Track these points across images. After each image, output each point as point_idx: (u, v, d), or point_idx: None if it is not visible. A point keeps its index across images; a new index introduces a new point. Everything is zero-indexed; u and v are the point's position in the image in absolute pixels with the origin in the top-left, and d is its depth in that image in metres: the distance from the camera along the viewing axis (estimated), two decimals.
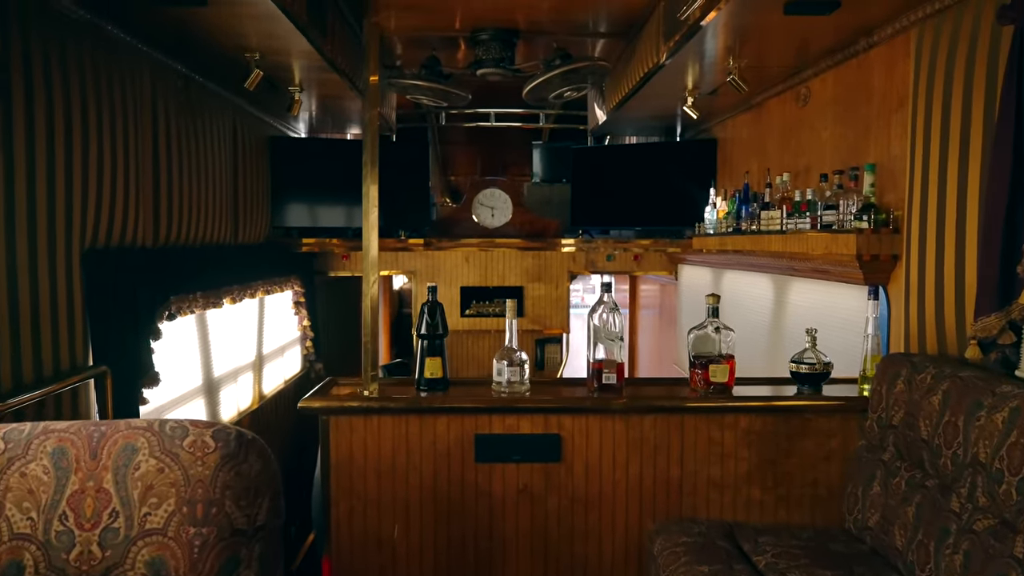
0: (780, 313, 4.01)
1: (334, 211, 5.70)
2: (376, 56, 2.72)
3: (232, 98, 4.41)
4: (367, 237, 2.71)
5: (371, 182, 2.70)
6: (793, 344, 3.85)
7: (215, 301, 3.85)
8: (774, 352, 4.09)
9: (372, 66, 2.70)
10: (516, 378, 2.77)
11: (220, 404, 4.19)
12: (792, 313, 3.86)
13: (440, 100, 4.51)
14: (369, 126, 2.69)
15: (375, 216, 2.70)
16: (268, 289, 4.74)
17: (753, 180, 4.49)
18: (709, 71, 3.87)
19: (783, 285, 3.94)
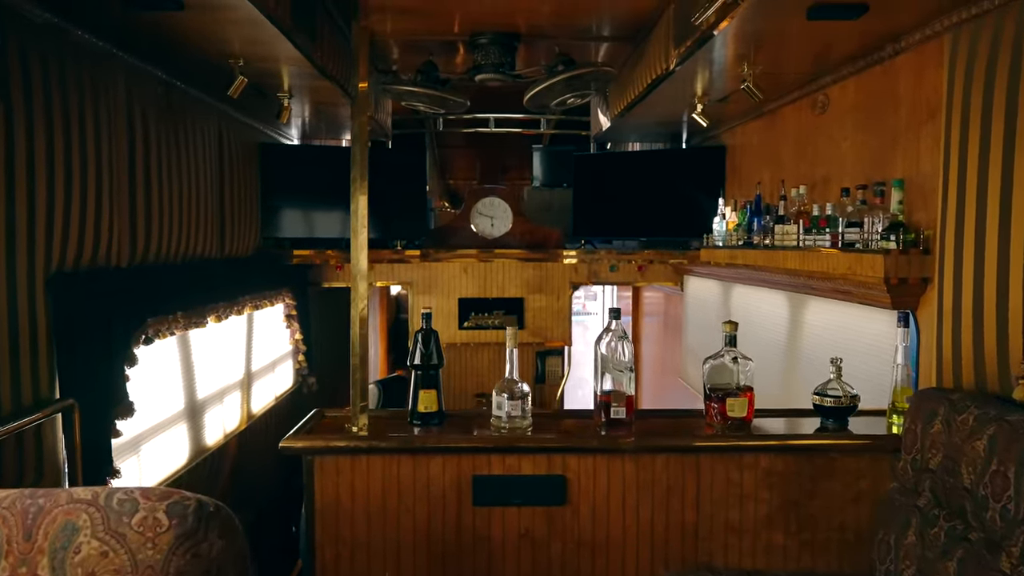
0: (796, 333, 3.80)
1: (328, 220, 5.48)
2: (365, 62, 2.50)
3: (218, 104, 4.20)
4: (356, 257, 2.50)
5: (360, 194, 2.48)
6: (810, 366, 3.65)
7: (198, 320, 3.64)
8: (789, 374, 3.87)
9: (361, 72, 2.49)
10: (517, 412, 2.56)
11: (204, 428, 3.97)
12: (809, 334, 3.64)
13: (437, 107, 4.30)
14: (358, 136, 2.48)
15: (364, 236, 2.49)
16: (257, 304, 4.53)
17: (765, 191, 4.28)
18: (721, 78, 3.66)
19: (799, 304, 3.73)
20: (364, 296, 2.50)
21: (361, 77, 2.49)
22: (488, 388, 6.30)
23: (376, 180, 5.80)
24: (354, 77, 2.51)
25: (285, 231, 5.34)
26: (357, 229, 2.47)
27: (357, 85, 2.48)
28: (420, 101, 4.20)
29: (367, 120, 2.53)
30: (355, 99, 2.48)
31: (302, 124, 5.70)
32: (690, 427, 2.67)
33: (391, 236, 5.69)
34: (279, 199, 5.24)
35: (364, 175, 2.50)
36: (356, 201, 2.48)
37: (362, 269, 2.49)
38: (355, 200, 2.48)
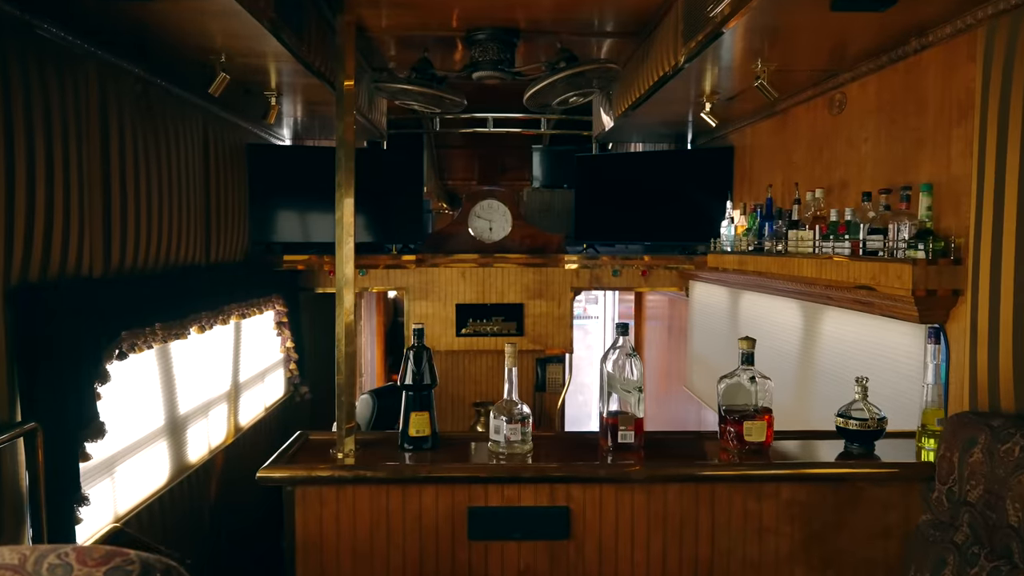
0: (810, 345, 3.60)
1: (321, 224, 5.28)
2: (352, 58, 2.31)
3: (202, 103, 3.99)
4: (340, 271, 2.30)
5: (346, 201, 2.28)
6: (826, 380, 3.45)
7: (179, 332, 3.44)
8: (803, 387, 3.68)
9: (348, 69, 2.29)
10: (517, 436, 2.36)
11: (187, 444, 3.77)
12: (825, 346, 3.44)
13: (432, 106, 4.10)
14: (343, 138, 2.28)
15: (350, 247, 2.29)
16: (244, 312, 4.32)
17: (777, 194, 4.08)
18: (733, 75, 3.47)
19: (815, 314, 3.53)
20: (350, 311, 2.30)
21: (347, 75, 2.29)
22: (487, 396, 6.15)
23: (371, 182, 5.64)
24: (340, 75, 2.31)
25: (276, 235, 5.14)
26: (342, 239, 2.27)
27: (339, 82, 2.28)
28: (415, 100, 4.00)
29: (353, 121, 2.32)
30: (340, 98, 2.28)
31: (294, 124, 5.50)
32: (704, 452, 2.47)
33: (387, 240, 5.50)
34: (269, 202, 5.04)
35: (350, 180, 2.30)
36: (341, 208, 2.28)
37: (348, 281, 2.29)
38: (340, 207, 2.28)
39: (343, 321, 2.27)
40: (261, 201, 4.94)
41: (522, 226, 5.52)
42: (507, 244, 5.52)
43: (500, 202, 5.47)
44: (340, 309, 2.28)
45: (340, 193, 2.28)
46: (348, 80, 2.31)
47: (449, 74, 4.07)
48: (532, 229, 5.57)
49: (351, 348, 2.31)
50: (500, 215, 5.46)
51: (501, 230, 5.47)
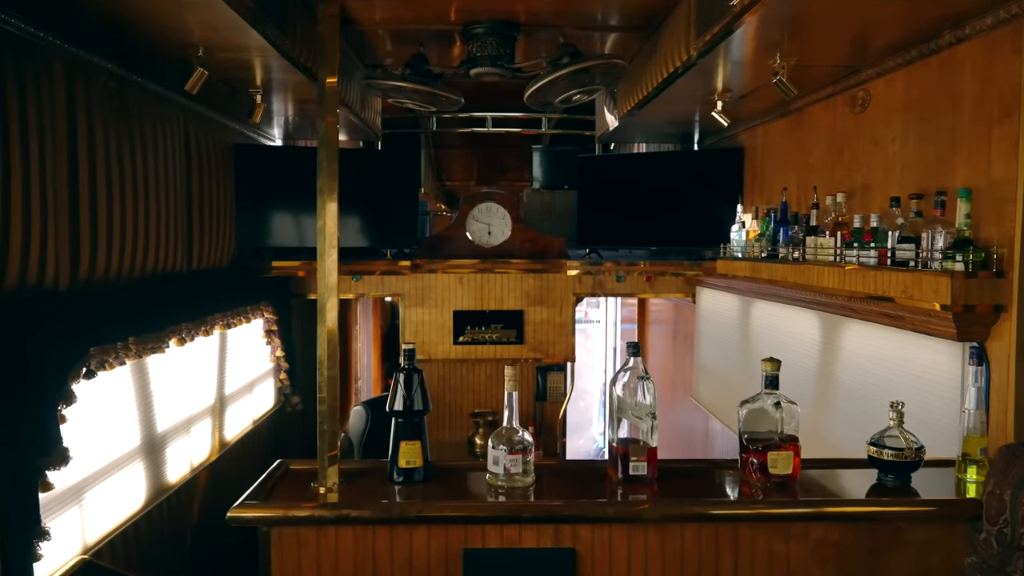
0: (830, 359, 3.37)
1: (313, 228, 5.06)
2: (335, 52, 2.08)
3: (184, 101, 3.77)
4: (322, 289, 2.07)
5: (327, 210, 2.06)
6: (846, 397, 3.22)
7: (156, 346, 3.21)
8: (821, 404, 3.45)
9: (330, 64, 2.07)
10: (518, 468, 2.14)
11: (166, 463, 3.54)
12: (848, 362, 3.22)
13: (428, 104, 3.87)
14: (325, 139, 2.06)
15: (333, 260, 2.07)
16: (230, 321, 4.10)
17: (792, 197, 3.86)
18: (749, 71, 3.25)
19: (836, 326, 3.31)
20: (334, 330, 2.07)
21: (330, 70, 2.07)
22: (485, 405, 5.92)
23: (365, 184, 5.42)
24: (323, 70, 2.08)
25: (265, 240, 4.91)
26: (324, 250, 2.04)
27: (321, 79, 2.06)
28: (409, 98, 3.77)
29: (336, 120, 2.10)
30: (323, 95, 2.06)
31: (285, 124, 5.29)
32: (723, 486, 2.25)
33: (381, 244, 5.27)
34: (258, 205, 4.81)
35: (333, 185, 2.07)
36: (323, 215, 2.05)
37: (331, 296, 2.07)
38: (322, 214, 2.05)
39: (325, 341, 2.05)
40: (249, 204, 4.72)
41: (522, 230, 5.30)
42: (507, 249, 5.29)
43: (499, 205, 5.25)
44: (322, 328, 2.06)
45: (322, 199, 2.06)
46: (331, 76, 2.09)
47: (446, 71, 3.85)
48: (532, 233, 5.35)
49: (333, 372, 2.08)
50: (499, 218, 5.24)
51: (500, 234, 5.25)
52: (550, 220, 7.19)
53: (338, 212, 2.10)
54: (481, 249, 5.27)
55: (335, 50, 2.10)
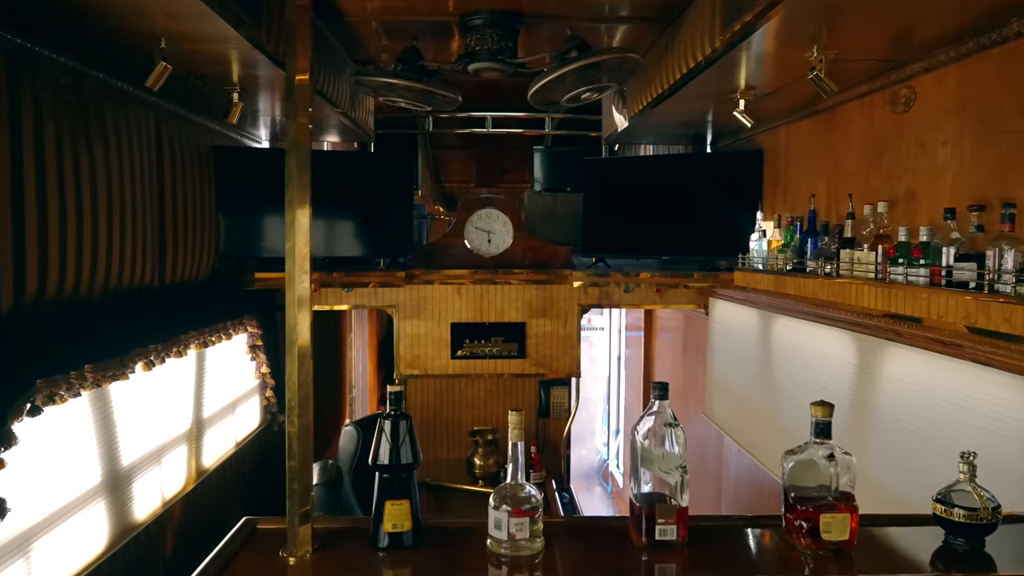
0: (868, 387, 3.04)
1: None
2: (305, 44, 1.75)
3: (154, 100, 3.44)
4: (292, 323, 1.74)
5: (298, 227, 1.73)
6: (887, 431, 2.89)
7: (118, 372, 2.88)
8: (856, 437, 3.12)
9: (300, 58, 1.73)
10: (524, 533, 1.80)
11: (132, 500, 3.21)
12: (889, 391, 2.89)
13: (422, 103, 3.54)
14: (295, 143, 1.72)
15: (305, 287, 1.73)
16: (208, 340, 3.77)
17: (821, 205, 3.53)
18: (780, 66, 2.92)
19: (875, 350, 2.97)
20: (307, 379, 1.74)
21: (299, 65, 1.74)
22: (485, 422, 5.58)
23: (355, 188, 5.09)
24: (291, 64, 1.75)
25: (248, 249, 4.58)
26: (294, 276, 1.71)
27: (291, 71, 1.73)
28: (401, 96, 3.44)
29: (308, 122, 1.77)
30: (291, 93, 1.73)
31: (272, 124, 4.96)
32: (765, 553, 1.91)
33: (374, 253, 4.95)
34: (241, 212, 4.48)
35: (305, 196, 1.74)
36: (293, 235, 1.72)
37: (301, 335, 1.74)
38: (291, 234, 1.72)
39: (295, 390, 1.72)
40: (231, 210, 4.39)
41: (525, 238, 4.96)
42: (508, 258, 4.96)
43: (500, 211, 4.91)
44: (292, 366, 1.72)
45: (292, 214, 1.72)
46: (302, 73, 1.75)
47: (442, 67, 3.52)
48: (535, 241, 5.01)
49: (306, 419, 1.75)
50: (500, 225, 4.91)
51: (501, 242, 4.92)
52: (552, 224, 6.88)
53: (327, 218, 1.77)
54: (480, 258, 4.94)
55: (306, 41, 1.77)
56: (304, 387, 1.76)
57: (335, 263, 4.86)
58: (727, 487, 5.14)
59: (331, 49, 3.98)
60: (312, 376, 1.76)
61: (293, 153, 1.72)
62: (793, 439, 1.99)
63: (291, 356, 1.73)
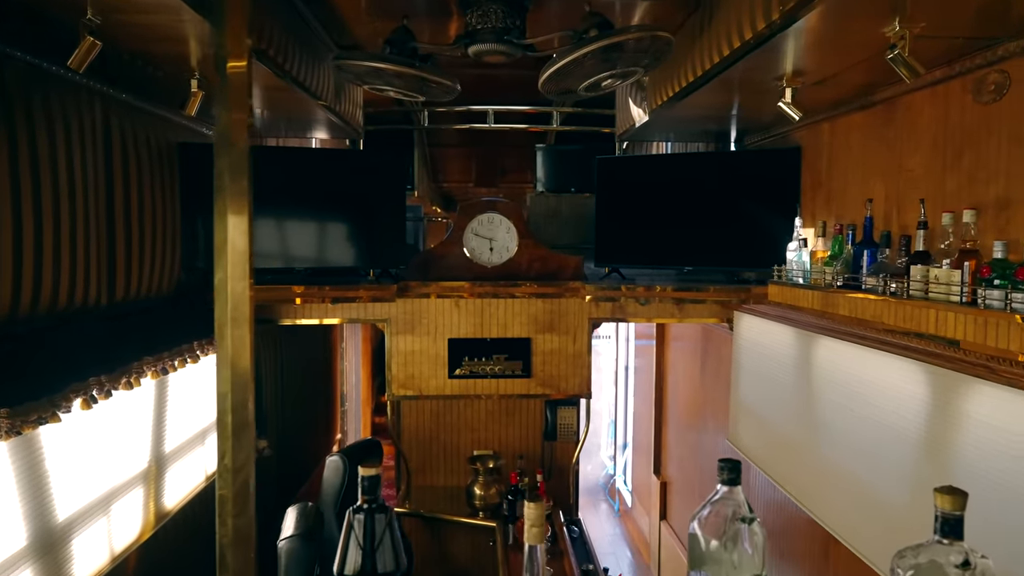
0: (948, 433, 2.55)
1: (286, 243, 4.24)
2: (239, 26, 1.25)
3: (104, 89, 2.94)
4: (221, 371, 1.24)
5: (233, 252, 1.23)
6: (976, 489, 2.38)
7: (45, 415, 2.38)
8: (927, 486, 2.63)
9: (231, 39, 1.24)
10: None
11: (72, 560, 2.71)
12: (978, 440, 2.39)
13: (414, 92, 3.05)
14: (224, 136, 1.23)
15: (245, 341, 1.24)
16: (167, 365, 3.27)
17: (878, 212, 3.04)
18: (848, 45, 2.42)
19: (959, 388, 2.48)
20: (247, 452, 1.25)
21: (230, 48, 1.24)
22: (485, 444, 5.06)
23: (341, 191, 4.59)
24: (221, 40, 1.26)
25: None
26: (224, 323, 1.22)
27: (219, 55, 1.23)
28: (390, 84, 2.95)
29: (244, 119, 1.26)
30: (223, 81, 1.23)
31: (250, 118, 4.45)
32: None
33: (363, 263, 4.45)
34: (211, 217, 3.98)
35: (243, 208, 1.25)
36: (223, 265, 1.23)
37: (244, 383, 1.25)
38: (222, 263, 1.22)
39: (229, 476, 1.22)
40: (200, 216, 3.89)
41: (530, 246, 4.46)
42: (512, 269, 4.46)
43: (503, 216, 4.41)
44: (225, 444, 1.23)
45: (222, 234, 1.23)
46: (236, 60, 1.25)
47: (438, 49, 3.02)
48: (542, 250, 4.51)
49: (244, 519, 1.26)
50: (503, 232, 4.41)
51: (505, 251, 4.42)
52: (556, 226, 6.43)
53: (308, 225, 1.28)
54: (482, 269, 4.44)
55: (239, 22, 1.27)
56: (243, 472, 1.26)
57: (318, 274, 4.37)
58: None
59: (311, 32, 3.49)
60: (253, 459, 1.27)
61: (224, 152, 1.23)
62: (838, 477, 1.51)
63: (223, 432, 1.24)
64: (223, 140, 1.22)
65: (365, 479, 1.36)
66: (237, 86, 1.24)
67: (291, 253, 4.24)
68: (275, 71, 3.04)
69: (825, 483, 3.49)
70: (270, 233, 4.21)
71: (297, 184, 4.18)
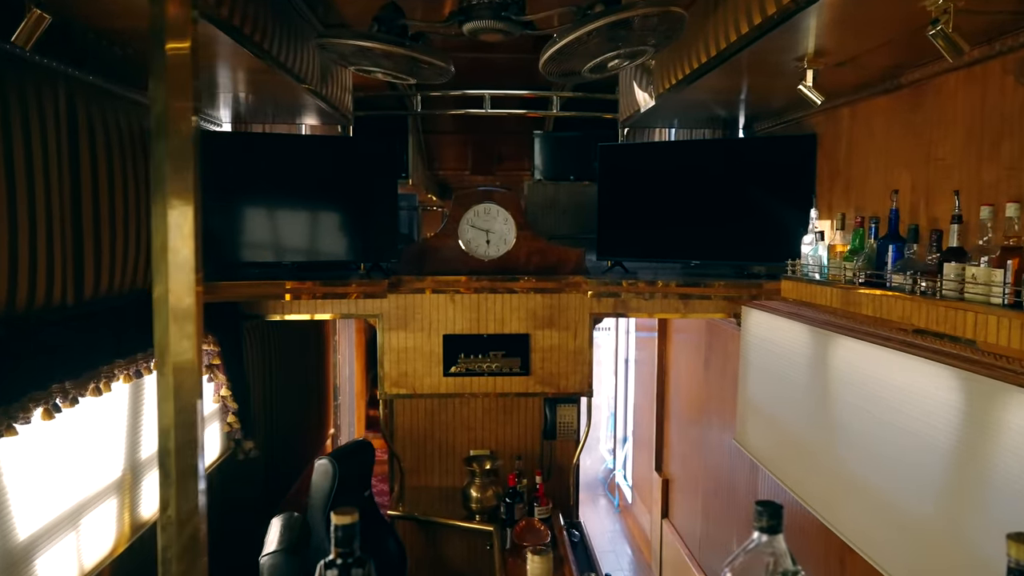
0: (986, 444, 2.35)
1: (272, 238, 4.01)
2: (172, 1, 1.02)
3: (69, 70, 2.71)
4: (163, 391, 1.03)
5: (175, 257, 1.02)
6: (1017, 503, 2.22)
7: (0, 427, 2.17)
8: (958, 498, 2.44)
9: (159, 16, 1.01)
10: None
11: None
12: (1014, 446, 2.20)
13: (404, 74, 2.82)
14: (161, 121, 1.00)
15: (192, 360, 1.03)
16: (140, 369, 3.06)
17: (904, 204, 2.83)
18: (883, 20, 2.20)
19: (998, 397, 2.28)
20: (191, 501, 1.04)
21: (166, 30, 1.01)
22: (482, 443, 4.86)
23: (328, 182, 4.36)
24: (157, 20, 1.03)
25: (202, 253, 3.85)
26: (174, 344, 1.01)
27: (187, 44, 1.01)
28: (378, 65, 2.72)
29: (189, 109, 1.02)
30: (160, 62, 1.00)
31: (234, 103, 4.22)
32: None
33: (353, 256, 4.22)
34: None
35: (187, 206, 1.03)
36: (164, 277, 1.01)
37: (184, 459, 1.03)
38: (161, 275, 1.01)
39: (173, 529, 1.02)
40: None
41: (529, 238, 4.25)
42: (510, 262, 4.25)
43: (500, 206, 4.20)
44: (168, 491, 1.03)
45: (160, 238, 1.01)
46: (178, 41, 1.02)
47: (430, 27, 2.79)
48: (541, 242, 4.29)
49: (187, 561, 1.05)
50: (500, 223, 4.19)
51: (502, 243, 4.20)
52: (554, 215, 6.24)
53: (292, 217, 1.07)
54: (478, 263, 4.23)
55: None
56: (190, 525, 1.05)
57: (306, 268, 4.14)
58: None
59: (295, 11, 3.26)
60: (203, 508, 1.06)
61: (163, 138, 1.00)
62: (854, 482, 1.32)
63: (165, 478, 1.03)
64: (161, 123, 1.00)
65: (339, 528, 1.15)
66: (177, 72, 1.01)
67: (276, 245, 4.02)
68: (255, 52, 2.81)
69: (839, 488, 3.31)
70: (254, 225, 3.99)
71: (281, 173, 3.96)
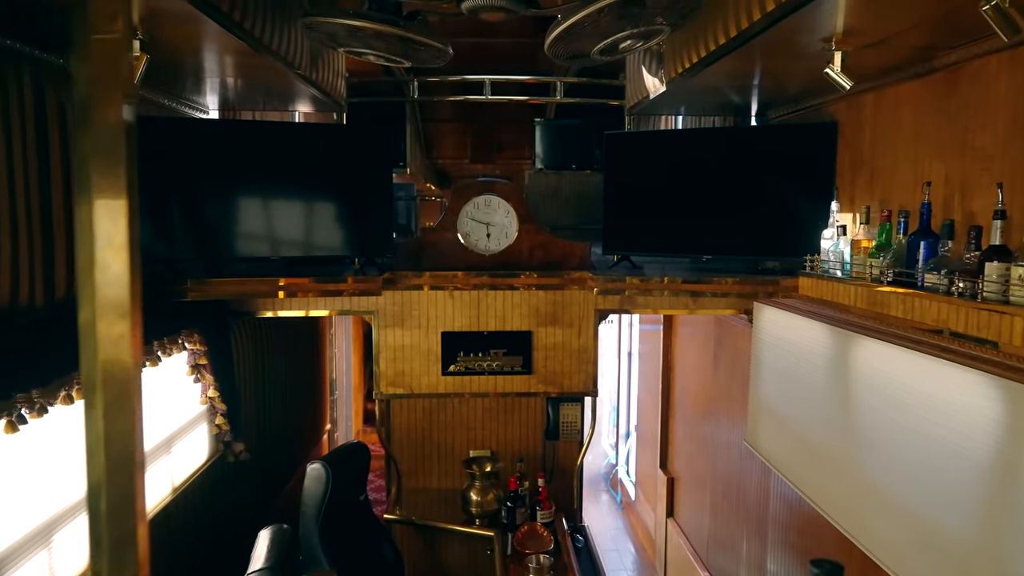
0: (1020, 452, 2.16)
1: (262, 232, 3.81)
2: None
3: (36, 53, 2.50)
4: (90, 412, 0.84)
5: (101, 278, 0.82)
6: None
7: None
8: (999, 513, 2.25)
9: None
10: None
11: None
12: None
13: (399, 57, 2.62)
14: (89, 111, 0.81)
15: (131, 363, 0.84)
16: None
17: (937, 197, 2.63)
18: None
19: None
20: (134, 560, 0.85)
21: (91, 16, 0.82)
22: (482, 444, 4.66)
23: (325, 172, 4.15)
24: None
25: (185, 249, 3.66)
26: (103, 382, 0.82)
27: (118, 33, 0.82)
28: (369, 46, 2.52)
29: (123, 98, 0.82)
30: (81, 47, 0.81)
31: (221, 89, 4.02)
32: None
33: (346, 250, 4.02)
34: (176, 202, 3.56)
35: (118, 211, 0.83)
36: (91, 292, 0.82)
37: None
38: (87, 291, 0.82)
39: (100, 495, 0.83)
40: (163, 201, 3.47)
41: (532, 232, 4.04)
42: (511, 257, 4.05)
43: (501, 198, 3.99)
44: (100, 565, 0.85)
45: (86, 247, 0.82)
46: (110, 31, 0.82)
47: (426, 5, 2.58)
48: (544, 235, 4.09)
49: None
50: (502, 216, 3.99)
51: (503, 237, 4.00)
52: (555, 205, 6.06)
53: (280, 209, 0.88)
54: (478, 257, 4.03)
55: None
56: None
57: (296, 263, 3.95)
58: (775, 531, 4.30)
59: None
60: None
61: (87, 129, 0.80)
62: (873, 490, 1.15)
63: (96, 545, 0.84)
64: (86, 111, 0.80)
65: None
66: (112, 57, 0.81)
67: (265, 239, 3.81)
68: (236, 33, 2.61)
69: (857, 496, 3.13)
70: (241, 217, 3.79)
71: (269, 162, 3.75)
